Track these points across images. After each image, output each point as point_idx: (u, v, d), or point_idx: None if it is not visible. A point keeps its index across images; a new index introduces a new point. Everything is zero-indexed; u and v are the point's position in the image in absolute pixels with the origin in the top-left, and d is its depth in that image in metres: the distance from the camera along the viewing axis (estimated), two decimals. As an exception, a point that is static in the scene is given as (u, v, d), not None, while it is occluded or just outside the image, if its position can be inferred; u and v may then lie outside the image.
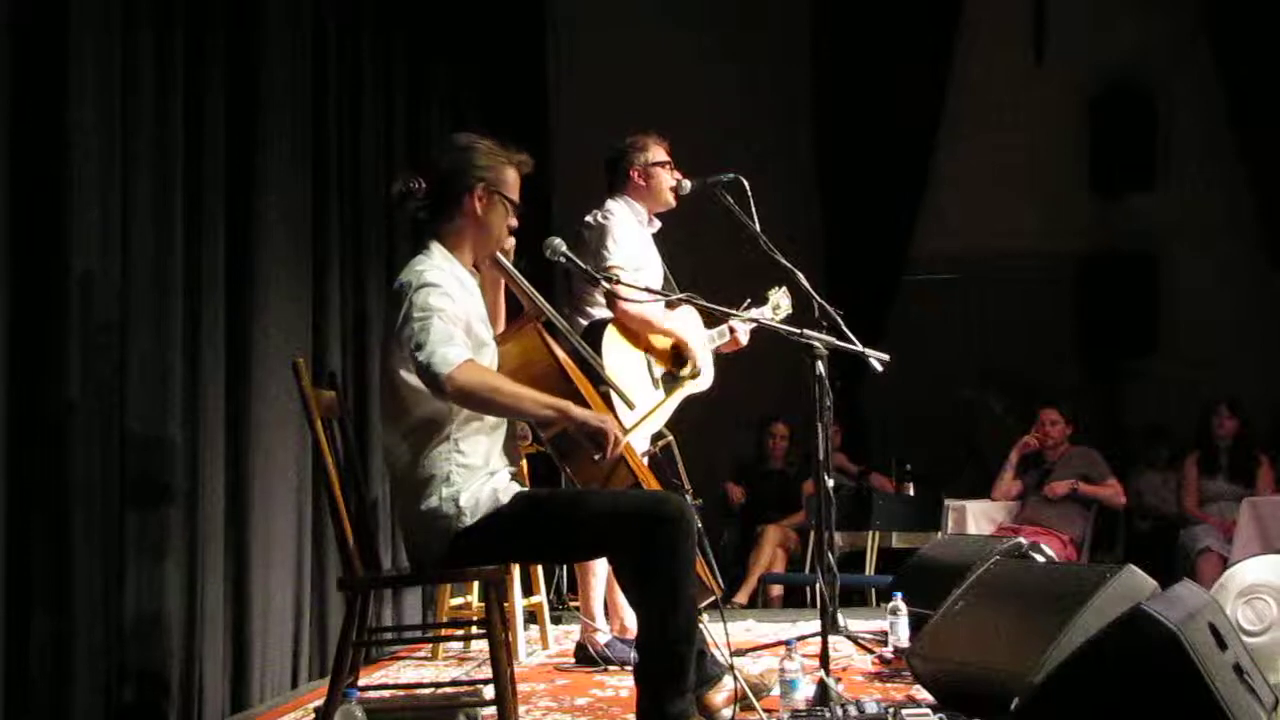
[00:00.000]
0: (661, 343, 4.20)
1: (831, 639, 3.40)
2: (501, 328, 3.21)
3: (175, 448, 3.43)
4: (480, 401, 2.83)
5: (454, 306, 2.88)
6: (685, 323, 4.24)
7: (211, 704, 3.53)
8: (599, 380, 3.45)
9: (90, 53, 3.09)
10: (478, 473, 2.92)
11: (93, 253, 3.10)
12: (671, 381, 4.19)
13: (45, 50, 2.97)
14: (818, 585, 3.53)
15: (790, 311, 4.35)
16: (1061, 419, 6.54)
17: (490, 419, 2.96)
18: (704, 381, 4.29)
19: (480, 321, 2.99)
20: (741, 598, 6.85)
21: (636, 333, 4.13)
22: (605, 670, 4.19)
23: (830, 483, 3.55)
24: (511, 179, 3.07)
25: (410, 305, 2.84)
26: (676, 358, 4.23)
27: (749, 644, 4.50)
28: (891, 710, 3.08)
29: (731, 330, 4.30)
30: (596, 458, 2.85)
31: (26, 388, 2.88)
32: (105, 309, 3.16)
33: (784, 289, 4.39)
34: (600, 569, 4.25)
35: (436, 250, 3.00)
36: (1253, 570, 3.72)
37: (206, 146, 3.62)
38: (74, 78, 3.03)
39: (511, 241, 3.16)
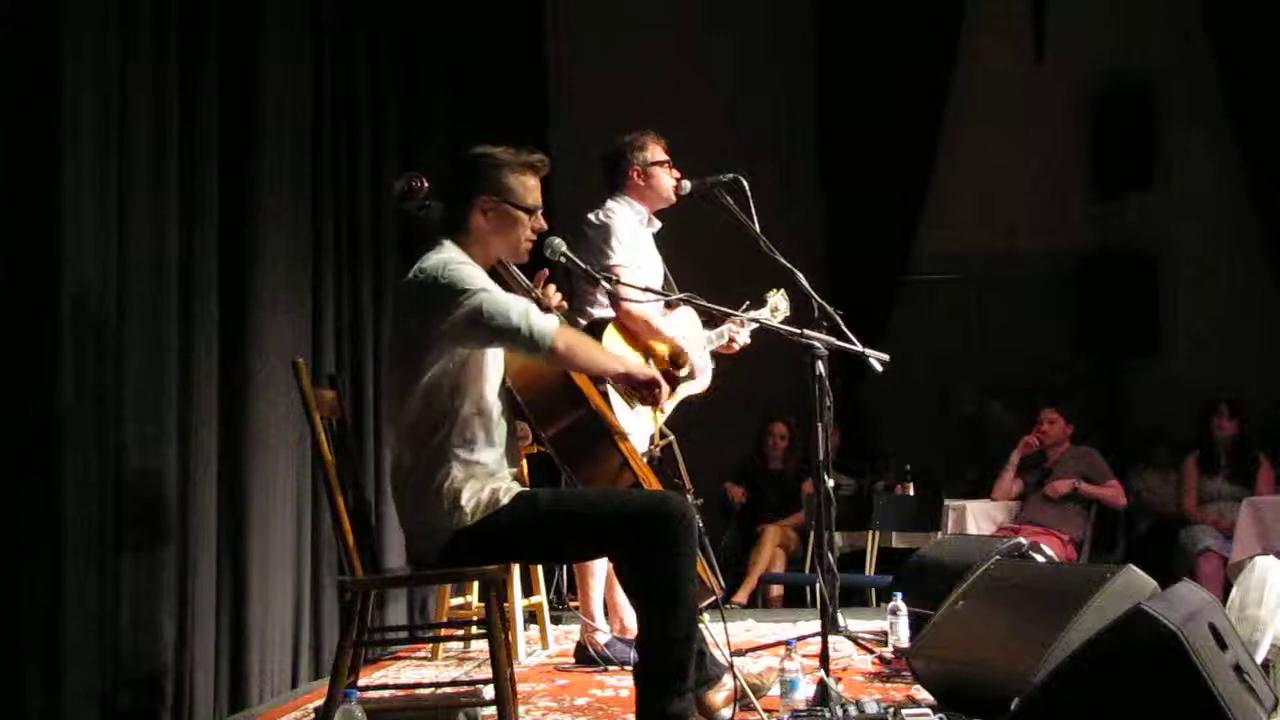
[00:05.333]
0: (660, 344, 4.20)
1: (831, 639, 3.39)
2: None
3: (171, 448, 3.42)
4: (583, 358, 2.97)
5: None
6: (683, 324, 4.24)
7: (204, 705, 3.50)
8: (599, 379, 3.45)
9: (86, 49, 3.08)
10: (479, 472, 2.92)
11: (88, 253, 3.09)
12: (669, 382, 4.18)
13: (39, 46, 2.96)
14: (818, 585, 3.53)
15: (788, 314, 4.34)
16: (1061, 419, 6.54)
17: (493, 417, 2.95)
18: (701, 383, 4.28)
19: None
20: (741, 598, 6.85)
21: (635, 333, 4.13)
22: (605, 670, 4.19)
23: (830, 483, 3.55)
24: (524, 185, 3.03)
25: (450, 290, 2.84)
26: (674, 358, 4.23)
27: (749, 644, 4.49)
28: (891, 710, 3.08)
29: (731, 335, 4.30)
30: (643, 406, 3.23)
31: (19, 388, 2.87)
32: (101, 309, 3.15)
33: (782, 291, 4.37)
34: (599, 569, 4.25)
35: (449, 246, 2.99)
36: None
37: (201, 147, 3.60)
38: (68, 74, 3.02)
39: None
